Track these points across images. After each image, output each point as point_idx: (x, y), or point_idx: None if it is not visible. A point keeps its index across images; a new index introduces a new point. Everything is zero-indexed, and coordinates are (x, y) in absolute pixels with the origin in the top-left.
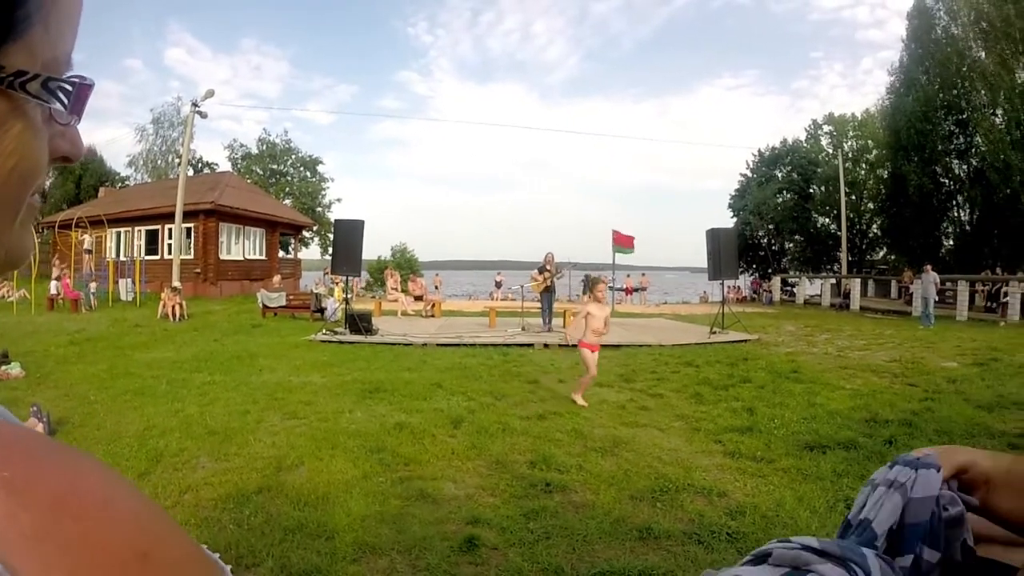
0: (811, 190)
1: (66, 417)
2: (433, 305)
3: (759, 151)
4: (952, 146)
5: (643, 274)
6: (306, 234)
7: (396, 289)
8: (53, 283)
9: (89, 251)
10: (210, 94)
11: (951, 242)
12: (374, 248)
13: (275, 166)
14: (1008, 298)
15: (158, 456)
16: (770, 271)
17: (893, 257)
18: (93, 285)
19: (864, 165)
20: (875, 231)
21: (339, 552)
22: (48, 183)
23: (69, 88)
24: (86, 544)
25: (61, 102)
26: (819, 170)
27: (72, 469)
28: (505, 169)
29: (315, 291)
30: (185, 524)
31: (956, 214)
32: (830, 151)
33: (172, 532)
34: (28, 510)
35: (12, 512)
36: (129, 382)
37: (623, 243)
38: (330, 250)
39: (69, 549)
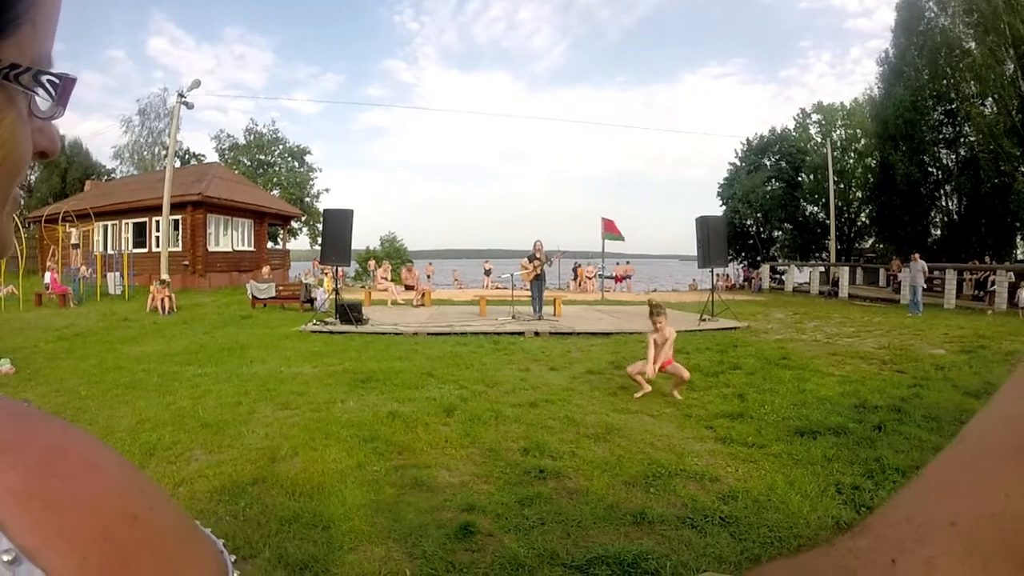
0: (800, 179)
1: (57, 412)
2: (423, 294)
3: (748, 140)
4: (940, 136)
5: (628, 262)
6: (294, 224)
7: (386, 279)
8: (48, 275)
9: (76, 245)
10: (196, 84)
11: (939, 231)
12: (361, 238)
13: (263, 156)
14: (995, 287)
15: (152, 449)
16: (759, 259)
17: (881, 245)
18: (83, 274)
19: (853, 154)
20: (863, 219)
21: (335, 541)
22: (33, 177)
23: (56, 81)
24: (74, 503)
25: (50, 94)
26: (807, 159)
27: (60, 433)
28: (491, 157)
29: (304, 281)
30: None
31: (944, 203)
32: (819, 140)
33: (161, 499)
34: (16, 468)
35: (1, 470)
36: (120, 376)
37: (613, 230)
38: (319, 240)
39: (57, 507)
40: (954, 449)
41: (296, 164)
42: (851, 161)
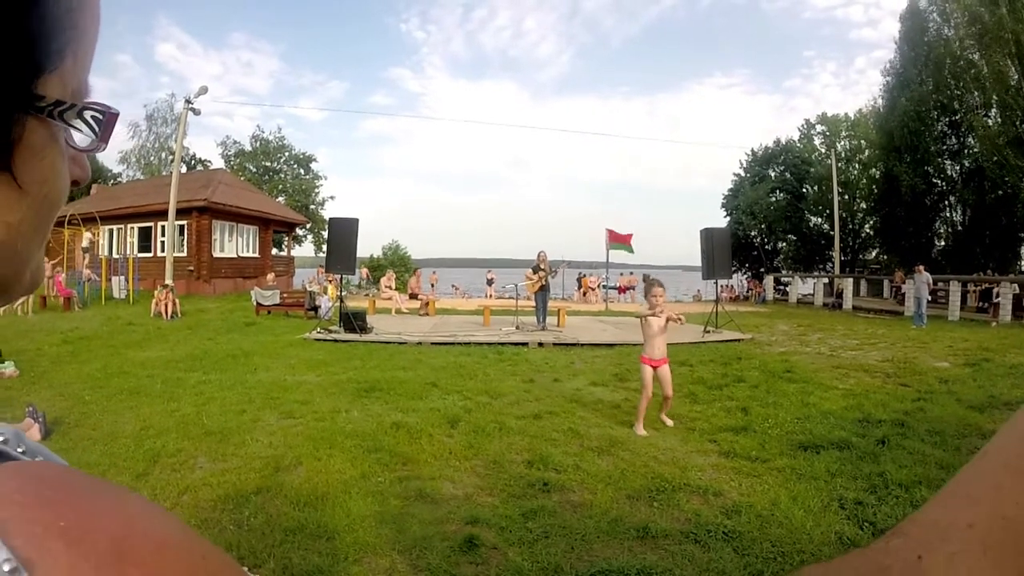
0: (804, 190)
1: (61, 417)
2: (427, 303)
3: (752, 151)
4: (945, 147)
5: (631, 273)
6: (299, 231)
7: (391, 287)
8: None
9: (87, 249)
10: (203, 91)
11: (943, 242)
12: (365, 246)
13: (268, 163)
14: (1000, 299)
15: (155, 456)
16: (763, 270)
17: (885, 257)
18: (87, 277)
19: (857, 165)
20: (868, 231)
21: (340, 552)
22: None
23: (100, 117)
24: None
25: (92, 130)
26: (812, 170)
27: (124, 511)
28: (495, 166)
29: (309, 289)
30: None
31: (948, 215)
32: (823, 151)
33: (226, 567)
34: (89, 560)
35: (73, 563)
36: (124, 381)
37: (620, 241)
38: (323, 247)
39: None
40: (977, 462)
41: (301, 171)
42: (855, 172)
